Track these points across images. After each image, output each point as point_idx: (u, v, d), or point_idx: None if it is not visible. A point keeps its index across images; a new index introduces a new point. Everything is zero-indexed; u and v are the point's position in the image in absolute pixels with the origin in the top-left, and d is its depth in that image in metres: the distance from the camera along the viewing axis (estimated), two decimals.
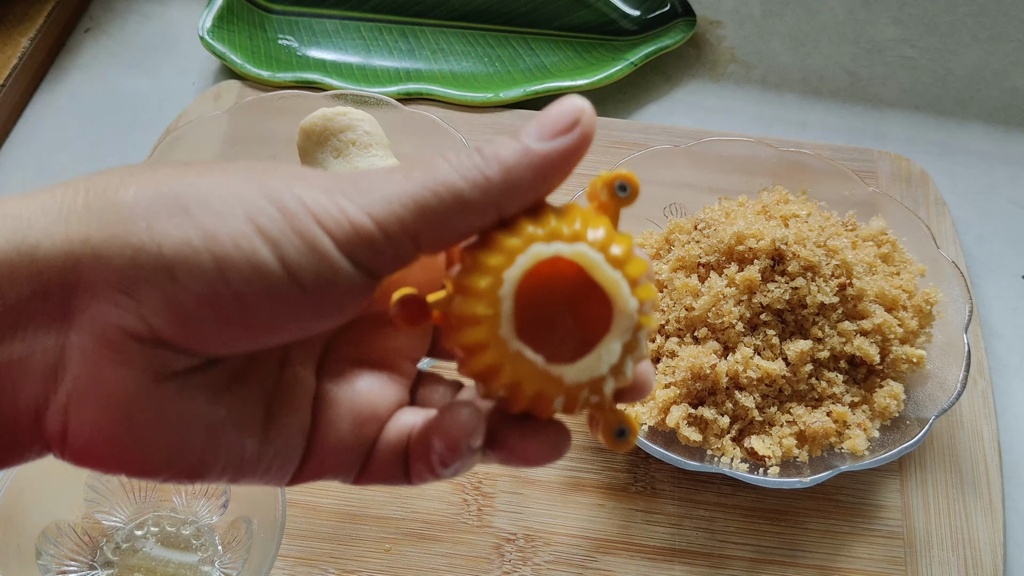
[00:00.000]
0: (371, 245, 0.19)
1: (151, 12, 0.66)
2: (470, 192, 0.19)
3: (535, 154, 0.20)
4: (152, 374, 0.19)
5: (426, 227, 0.19)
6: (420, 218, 0.19)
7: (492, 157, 0.20)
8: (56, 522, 0.40)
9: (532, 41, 0.62)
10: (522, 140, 0.20)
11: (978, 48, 0.63)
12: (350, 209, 0.19)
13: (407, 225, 0.19)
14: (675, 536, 0.42)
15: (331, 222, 0.19)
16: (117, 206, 0.18)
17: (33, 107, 0.61)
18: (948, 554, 0.42)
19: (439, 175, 0.19)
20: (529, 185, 0.20)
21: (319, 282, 0.19)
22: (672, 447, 0.41)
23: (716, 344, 0.42)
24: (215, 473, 0.20)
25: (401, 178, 0.19)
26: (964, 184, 0.56)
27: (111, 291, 0.18)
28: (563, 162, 0.20)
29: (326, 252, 0.18)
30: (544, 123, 0.20)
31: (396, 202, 0.19)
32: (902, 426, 0.42)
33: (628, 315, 0.20)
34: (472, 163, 0.20)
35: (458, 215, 0.19)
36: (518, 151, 0.20)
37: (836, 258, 0.43)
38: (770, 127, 0.59)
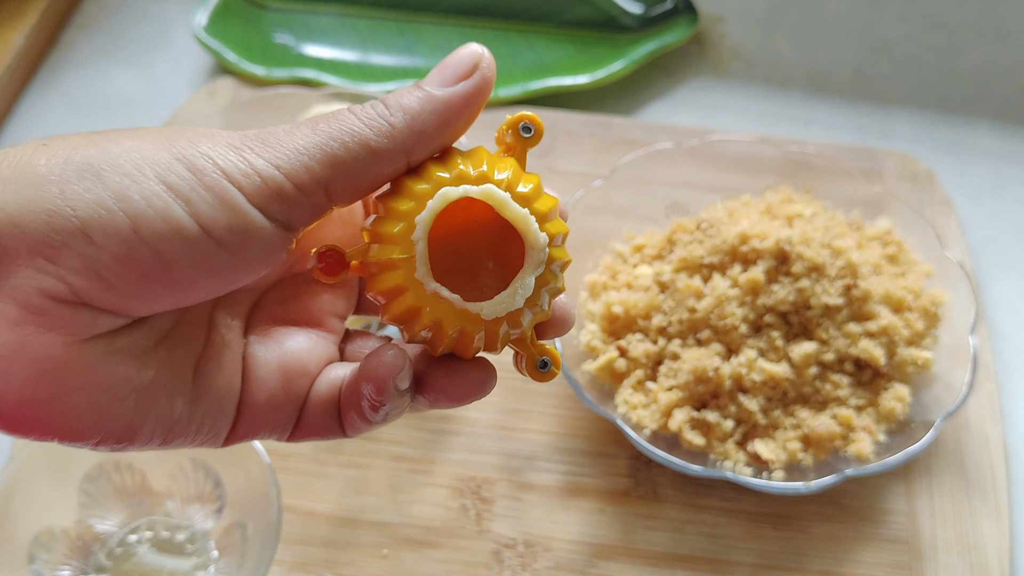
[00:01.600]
0: (282, 196, 0.20)
1: (145, 9, 0.65)
2: (377, 140, 0.20)
3: (438, 100, 0.21)
4: (77, 337, 0.19)
5: (336, 176, 0.20)
6: (329, 168, 0.20)
7: (396, 106, 0.21)
8: (49, 527, 0.39)
9: (532, 38, 0.62)
10: (424, 87, 0.21)
11: (985, 46, 0.62)
12: (258, 163, 0.19)
13: (316, 175, 0.20)
14: (677, 542, 0.42)
15: (240, 176, 0.19)
16: (30, 175, 0.19)
17: (25, 104, 0.60)
18: (954, 559, 0.41)
19: (346, 125, 0.20)
20: (434, 131, 0.21)
21: (233, 235, 0.19)
22: (675, 451, 0.40)
23: (719, 346, 0.41)
24: (145, 436, 0.20)
25: (309, 131, 0.20)
26: (971, 183, 0.56)
27: (31, 256, 0.18)
28: (465, 106, 0.21)
29: (237, 205, 0.19)
30: (445, 69, 0.21)
31: (305, 153, 0.20)
32: (908, 429, 0.41)
33: (539, 248, 0.21)
34: (377, 112, 0.20)
35: (366, 163, 0.20)
36: (421, 98, 0.21)
37: (841, 259, 0.42)
38: (774, 125, 0.59)
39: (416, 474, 0.44)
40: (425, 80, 0.21)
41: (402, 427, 0.45)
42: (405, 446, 0.45)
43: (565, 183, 0.54)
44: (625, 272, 0.46)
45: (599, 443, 0.45)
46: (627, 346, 0.43)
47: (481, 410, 0.46)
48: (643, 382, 0.43)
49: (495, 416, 0.46)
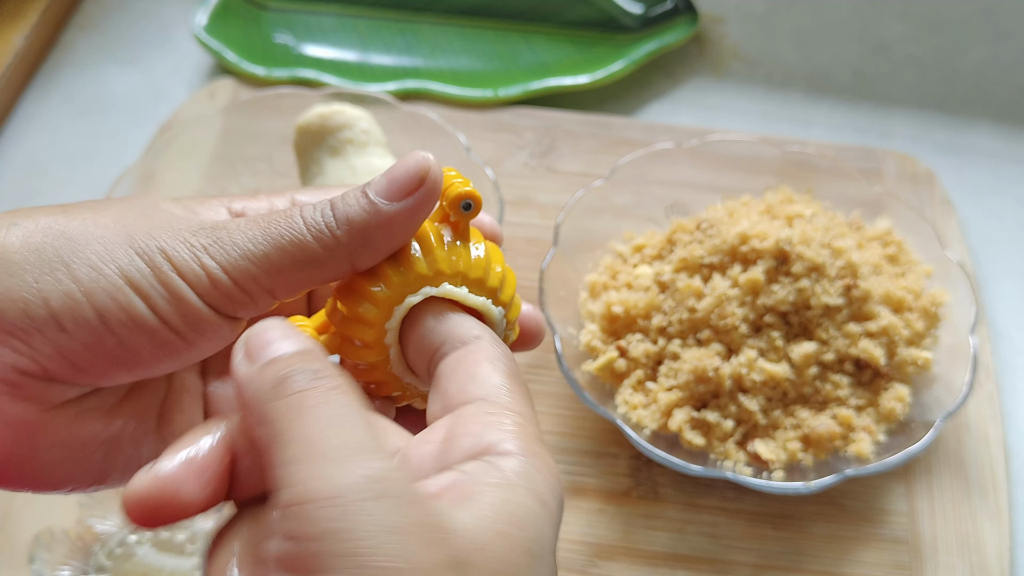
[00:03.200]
0: (230, 297, 0.21)
1: (145, 9, 0.65)
2: (321, 252, 0.21)
3: (383, 215, 0.22)
4: (48, 404, 0.21)
5: (280, 283, 0.22)
6: (274, 276, 0.21)
7: (343, 218, 0.22)
8: (49, 527, 0.39)
9: (532, 38, 0.62)
10: (371, 199, 0.22)
11: (985, 46, 0.62)
12: (209, 265, 0.21)
13: (261, 282, 0.21)
14: (677, 542, 0.42)
15: (192, 276, 0.21)
16: (6, 261, 0.21)
17: (25, 104, 0.60)
18: (954, 559, 0.41)
19: (294, 233, 0.21)
20: (380, 243, 0.22)
21: (188, 326, 0.21)
22: (675, 451, 0.40)
23: (719, 346, 0.41)
24: (115, 479, 0.22)
25: (259, 233, 0.21)
26: (971, 184, 0.56)
27: (6, 337, 0.20)
28: (410, 219, 0.22)
29: (191, 303, 0.21)
30: (392, 181, 0.22)
31: (251, 259, 0.21)
32: (908, 429, 0.41)
33: (498, 322, 0.23)
34: (324, 222, 0.22)
35: (309, 271, 0.22)
36: (368, 212, 0.22)
37: (842, 259, 0.42)
38: (774, 125, 0.59)
39: None
40: (373, 187, 0.22)
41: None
42: None
43: (565, 183, 0.54)
44: (625, 272, 0.46)
45: (599, 443, 0.45)
46: (627, 346, 0.43)
47: None
48: (643, 382, 0.43)
49: None
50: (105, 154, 0.57)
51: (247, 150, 0.52)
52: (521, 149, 0.56)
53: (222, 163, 0.52)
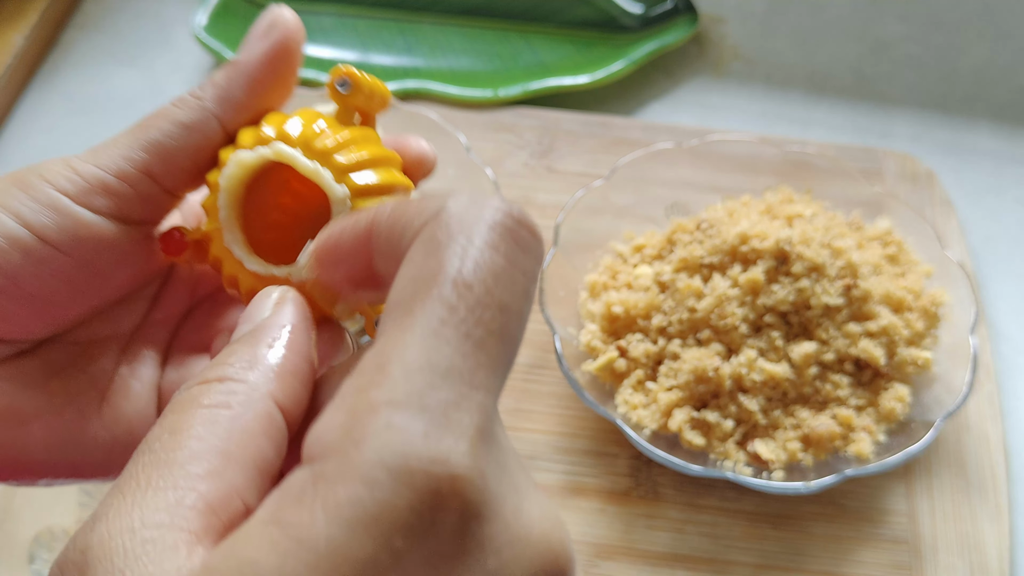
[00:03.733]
0: (106, 190, 0.21)
1: (145, 9, 0.65)
2: (187, 115, 0.21)
3: (240, 65, 0.22)
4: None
5: (155, 160, 0.21)
6: (146, 152, 0.21)
7: (207, 83, 0.22)
8: (49, 527, 0.39)
9: (532, 38, 0.62)
10: (230, 64, 0.22)
11: (985, 46, 0.62)
12: (81, 166, 0.21)
13: (135, 162, 0.21)
14: (677, 542, 0.42)
15: (64, 181, 0.21)
16: None
17: (25, 104, 0.60)
18: (954, 559, 0.41)
19: (162, 111, 0.21)
20: (244, 97, 0.21)
21: (66, 236, 0.20)
22: (675, 451, 0.40)
23: (719, 346, 0.41)
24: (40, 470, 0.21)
25: (133, 128, 0.21)
26: (971, 184, 0.56)
27: None
28: (269, 68, 0.21)
29: (63, 207, 0.20)
30: (248, 37, 0.22)
31: (124, 146, 0.21)
32: (908, 429, 0.41)
33: (338, 201, 0.21)
34: (190, 93, 0.22)
35: (181, 139, 0.21)
36: (227, 68, 0.22)
37: (842, 259, 0.42)
38: (774, 125, 0.59)
39: None
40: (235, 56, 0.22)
41: None
42: None
43: (565, 183, 0.54)
44: (625, 272, 0.46)
45: (599, 443, 0.45)
46: (627, 346, 0.43)
47: None
48: (643, 382, 0.43)
49: None
50: None
51: None
52: (521, 149, 0.56)
53: None
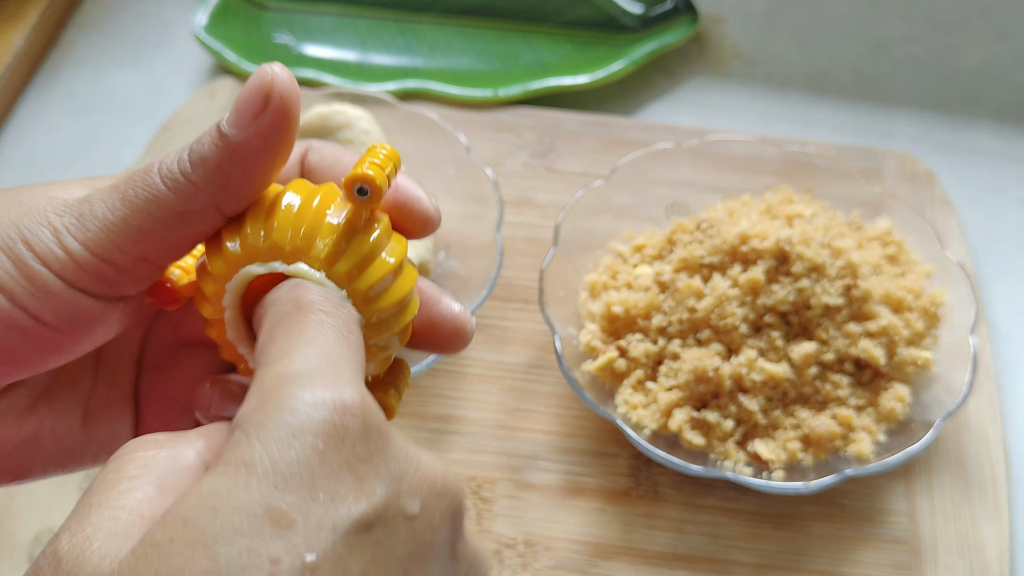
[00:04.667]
0: (100, 275, 0.20)
1: (145, 9, 0.65)
2: (183, 204, 0.19)
3: (234, 146, 0.19)
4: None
5: (151, 248, 0.20)
6: (142, 242, 0.20)
7: (197, 160, 0.19)
8: (49, 527, 0.39)
9: (531, 38, 0.62)
10: (221, 129, 0.19)
11: (985, 46, 0.62)
12: (71, 246, 0.19)
13: (130, 252, 0.20)
14: (677, 542, 0.42)
15: (56, 264, 0.19)
16: None
17: (26, 104, 0.60)
18: (954, 559, 0.41)
19: (151, 191, 0.19)
20: (241, 180, 0.20)
21: (62, 318, 0.20)
22: (675, 451, 0.40)
23: (719, 346, 0.41)
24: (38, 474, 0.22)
25: (118, 201, 0.20)
26: (971, 184, 0.56)
27: None
28: (265, 148, 0.19)
29: (59, 292, 0.19)
30: (238, 106, 0.19)
31: (115, 230, 0.19)
32: (908, 429, 0.41)
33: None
34: (180, 170, 0.19)
35: (178, 228, 0.20)
36: (219, 146, 0.19)
37: (842, 259, 0.42)
38: (774, 125, 0.59)
39: None
40: (226, 118, 0.20)
41: (402, 427, 0.45)
42: None
43: (565, 183, 0.54)
44: (625, 272, 0.46)
45: (599, 443, 0.45)
46: (627, 346, 0.43)
47: (481, 410, 0.46)
48: (643, 382, 0.43)
49: (495, 416, 0.46)
50: (105, 154, 0.57)
51: None
52: (521, 149, 0.56)
53: None
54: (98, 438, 0.22)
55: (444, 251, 0.49)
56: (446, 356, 0.46)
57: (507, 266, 0.50)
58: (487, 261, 0.45)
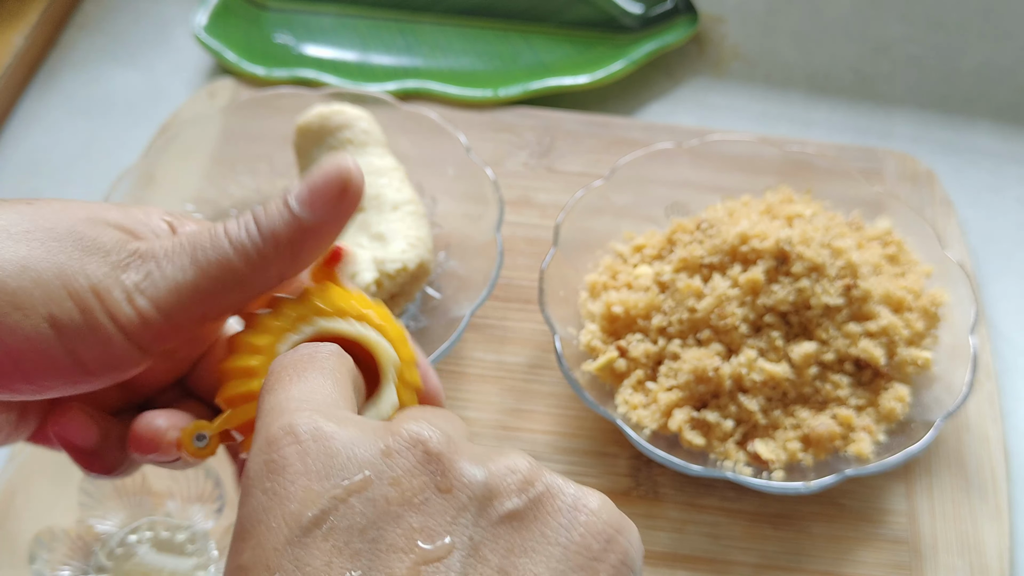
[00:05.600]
0: (160, 335, 0.21)
1: (145, 9, 0.65)
2: (252, 274, 0.21)
3: (307, 228, 0.21)
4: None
5: (213, 310, 0.22)
6: (204, 303, 0.21)
7: (269, 234, 0.21)
8: (50, 527, 0.39)
9: (531, 38, 0.62)
10: (294, 211, 0.21)
11: (985, 46, 0.62)
12: (143, 306, 0.21)
13: (192, 313, 0.21)
14: (677, 542, 0.42)
15: (124, 319, 0.21)
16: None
17: (26, 104, 0.60)
18: (954, 559, 0.41)
19: (221, 257, 0.21)
20: (310, 254, 0.22)
21: (105, 368, 0.21)
22: (675, 451, 0.40)
23: (719, 346, 0.41)
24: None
25: (187, 262, 0.21)
26: (971, 183, 0.56)
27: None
28: (335, 231, 0.22)
29: (116, 345, 0.21)
30: (314, 191, 0.21)
31: (185, 294, 0.21)
32: (908, 429, 0.41)
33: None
34: (251, 241, 0.21)
35: (238, 292, 0.22)
36: (291, 226, 0.21)
37: (842, 259, 0.42)
38: (774, 125, 0.59)
39: None
40: (294, 195, 0.22)
41: None
42: None
43: (565, 183, 0.54)
44: (625, 272, 0.46)
45: (599, 443, 0.45)
46: (627, 346, 0.43)
47: (482, 410, 0.46)
48: (643, 382, 0.43)
49: (495, 416, 0.46)
50: (105, 154, 0.57)
51: (247, 150, 0.52)
52: (521, 149, 0.56)
53: (222, 163, 0.52)
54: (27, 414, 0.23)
55: (444, 251, 0.49)
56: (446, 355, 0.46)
57: (507, 266, 0.50)
58: (487, 261, 0.45)
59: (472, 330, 0.48)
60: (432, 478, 0.18)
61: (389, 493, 0.17)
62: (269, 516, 0.17)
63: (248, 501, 0.17)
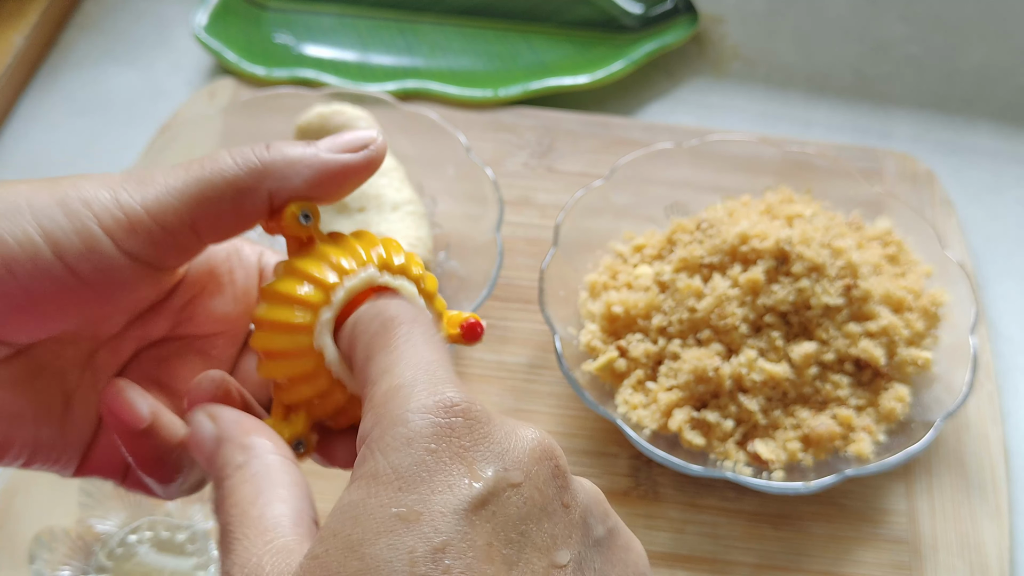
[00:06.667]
0: (149, 237, 0.21)
1: (145, 8, 0.65)
2: (244, 177, 0.21)
3: (319, 159, 0.22)
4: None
5: (203, 218, 0.21)
6: (196, 207, 0.21)
7: (277, 150, 0.22)
8: (50, 527, 0.39)
9: (532, 38, 0.62)
10: (313, 146, 0.22)
11: (985, 46, 0.62)
12: (127, 202, 0.21)
13: (183, 215, 0.21)
14: (677, 542, 0.42)
15: (109, 218, 0.21)
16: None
17: (25, 104, 0.60)
18: (954, 559, 0.41)
19: (218, 165, 0.21)
20: (305, 184, 0.22)
21: (98, 274, 0.21)
22: (675, 451, 0.40)
23: (719, 346, 0.41)
24: (12, 456, 0.22)
25: (183, 171, 0.21)
26: (971, 184, 0.56)
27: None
28: (342, 174, 0.22)
29: (102, 247, 0.21)
30: (338, 139, 0.22)
31: (174, 194, 0.21)
32: (908, 429, 0.41)
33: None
34: (254, 153, 0.22)
35: (233, 202, 0.21)
36: (305, 153, 0.22)
37: (842, 259, 0.42)
38: (774, 125, 0.59)
39: None
40: (316, 143, 0.22)
41: None
42: None
43: (565, 183, 0.54)
44: (625, 272, 0.46)
45: (599, 443, 0.45)
46: (627, 346, 0.43)
47: None
48: (643, 382, 0.43)
49: None
50: (105, 154, 0.57)
51: None
52: (521, 149, 0.56)
53: None
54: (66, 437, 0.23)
55: (444, 251, 0.49)
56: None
57: (507, 266, 0.50)
58: (487, 261, 0.45)
59: None
60: (558, 492, 0.19)
61: (534, 496, 0.18)
62: (435, 478, 0.18)
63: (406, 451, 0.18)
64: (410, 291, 0.23)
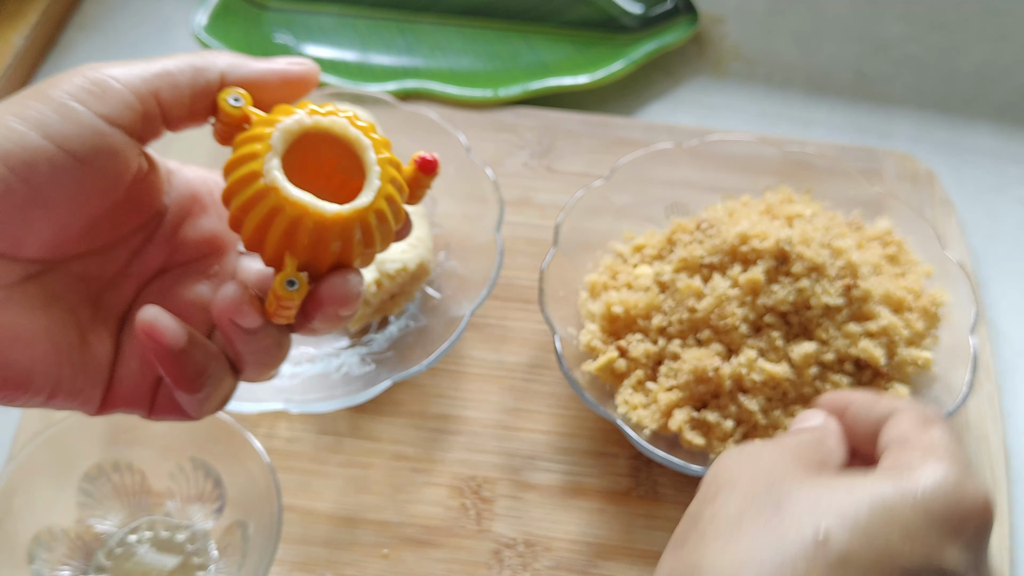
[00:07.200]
0: (121, 99, 0.23)
1: (144, 9, 0.65)
2: (200, 60, 0.25)
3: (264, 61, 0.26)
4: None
5: (164, 85, 0.24)
6: (157, 79, 0.24)
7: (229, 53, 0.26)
8: (49, 526, 0.39)
9: (531, 38, 0.62)
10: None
11: (986, 46, 0.62)
12: (93, 75, 0.23)
13: (149, 82, 0.24)
14: None
15: (82, 91, 0.23)
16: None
17: None
18: None
19: (178, 55, 0.25)
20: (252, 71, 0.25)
21: (85, 146, 0.23)
22: (675, 451, 0.40)
23: (719, 346, 0.41)
24: (34, 390, 0.23)
25: (157, 59, 0.25)
26: (971, 184, 0.56)
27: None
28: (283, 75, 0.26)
29: (82, 117, 0.23)
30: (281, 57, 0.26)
31: (137, 70, 0.24)
32: None
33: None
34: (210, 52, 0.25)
35: (189, 77, 0.24)
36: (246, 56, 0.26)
37: (842, 259, 0.42)
38: (774, 125, 0.59)
39: (416, 473, 0.44)
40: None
41: (402, 426, 0.45)
42: (405, 445, 0.45)
43: (565, 183, 0.54)
44: (625, 272, 0.46)
45: (599, 443, 0.45)
46: (627, 346, 0.43)
47: (481, 409, 0.46)
48: (643, 382, 0.43)
49: (495, 415, 0.46)
50: None
51: None
52: (521, 149, 0.56)
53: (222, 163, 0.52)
54: (86, 370, 0.24)
55: (444, 251, 0.49)
56: (446, 355, 0.46)
57: (507, 266, 0.50)
58: (487, 261, 0.45)
59: (472, 330, 0.48)
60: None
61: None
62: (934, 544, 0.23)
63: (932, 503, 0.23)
64: (341, 123, 0.25)
